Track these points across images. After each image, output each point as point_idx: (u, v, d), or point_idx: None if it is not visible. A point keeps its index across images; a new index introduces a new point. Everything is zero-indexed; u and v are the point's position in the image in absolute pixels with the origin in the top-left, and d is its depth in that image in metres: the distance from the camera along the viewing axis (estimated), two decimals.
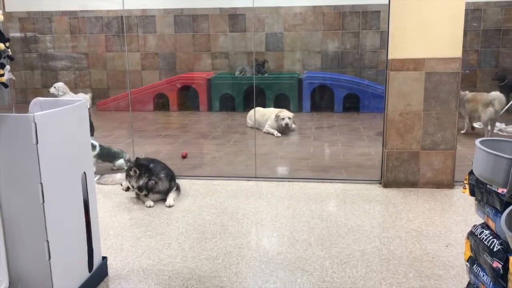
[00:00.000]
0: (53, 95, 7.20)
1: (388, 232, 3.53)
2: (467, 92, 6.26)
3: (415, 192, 4.36)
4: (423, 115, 4.35)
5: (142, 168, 4.17)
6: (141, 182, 4.13)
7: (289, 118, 6.72)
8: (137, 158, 4.41)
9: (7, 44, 2.31)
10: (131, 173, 4.14)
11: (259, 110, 7.06)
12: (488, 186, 2.05)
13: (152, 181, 4.16)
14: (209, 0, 8.68)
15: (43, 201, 2.32)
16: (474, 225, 2.25)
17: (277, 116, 6.77)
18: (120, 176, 4.70)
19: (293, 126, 6.96)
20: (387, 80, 4.39)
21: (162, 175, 4.25)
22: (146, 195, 4.18)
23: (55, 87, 7.34)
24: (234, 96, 8.41)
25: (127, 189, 4.21)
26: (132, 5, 8.65)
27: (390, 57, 4.32)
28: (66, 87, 7.51)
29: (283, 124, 6.68)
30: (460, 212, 3.90)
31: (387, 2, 4.30)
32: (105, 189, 4.58)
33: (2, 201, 2.36)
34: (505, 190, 1.91)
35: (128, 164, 4.75)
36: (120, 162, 5.20)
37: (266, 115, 6.98)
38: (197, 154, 5.88)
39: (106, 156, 5.18)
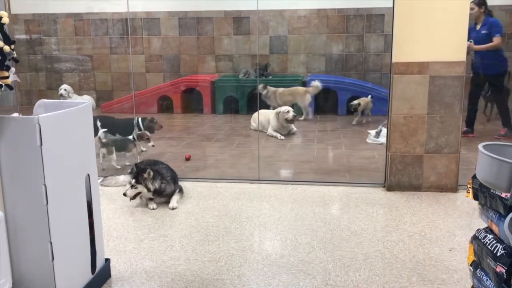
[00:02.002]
0: (64, 97, 7.23)
1: (391, 236, 3.52)
2: (278, 89, 7.73)
3: (418, 196, 4.35)
4: (427, 118, 4.34)
5: (155, 171, 4.15)
6: (157, 185, 4.10)
7: (292, 110, 6.75)
8: (137, 163, 4.39)
9: (12, 46, 2.32)
10: (145, 175, 4.05)
11: (263, 112, 7.06)
12: (491, 190, 2.05)
13: (164, 184, 4.15)
14: (214, 2, 8.70)
15: (47, 203, 2.33)
16: (478, 229, 2.24)
17: (277, 114, 6.75)
18: (124, 178, 4.71)
19: (294, 129, 6.95)
20: (391, 83, 4.39)
21: (168, 178, 4.24)
22: (151, 199, 4.16)
23: (65, 89, 7.36)
24: (238, 99, 8.42)
25: (134, 197, 4.09)
26: (137, 8, 8.68)
27: (394, 60, 4.31)
28: (71, 89, 7.55)
29: (290, 117, 6.65)
30: (464, 216, 3.89)
31: (392, 6, 4.30)
32: (108, 191, 4.59)
33: (6, 202, 2.37)
34: (508, 195, 1.90)
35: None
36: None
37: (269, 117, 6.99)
38: (200, 156, 5.89)
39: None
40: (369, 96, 7.59)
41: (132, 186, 4.07)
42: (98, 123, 5.78)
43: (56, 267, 2.42)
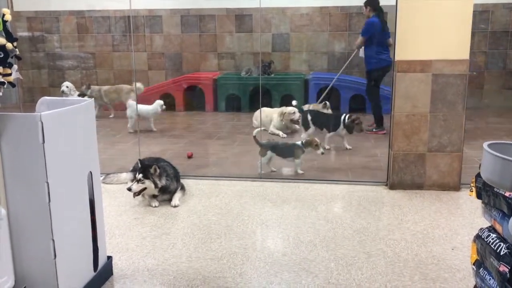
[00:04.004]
0: (66, 94, 7.24)
1: (393, 235, 3.52)
2: (102, 87, 7.98)
3: (421, 194, 4.34)
4: (429, 117, 4.33)
5: (161, 168, 4.13)
6: (164, 182, 4.10)
7: (298, 111, 6.74)
8: (140, 159, 4.37)
9: (15, 43, 2.31)
10: (151, 170, 4.02)
11: (265, 110, 7.05)
12: (495, 189, 2.04)
13: (168, 181, 4.15)
14: (216, 0, 8.69)
15: (49, 200, 2.33)
16: (481, 228, 2.24)
17: (282, 114, 6.74)
18: (126, 175, 4.71)
19: (297, 126, 6.94)
20: (393, 81, 4.37)
21: (171, 175, 4.24)
22: (155, 196, 4.15)
23: (67, 87, 7.36)
24: (240, 97, 8.41)
25: (138, 193, 4.06)
26: (139, 5, 8.67)
27: (397, 58, 4.30)
28: (73, 86, 7.57)
29: (296, 118, 6.64)
30: (466, 215, 3.88)
31: (394, 4, 4.29)
32: (110, 188, 4.59)
33: (8, 200, 2.37)
34: None
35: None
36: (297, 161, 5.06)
37: (272, 116, 6.97)
38: (202, 154, 5.88)
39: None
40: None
41: (138, 181, 4.02)
42: (309, 117, 6.00)
43: (58, 265, 2.42)
